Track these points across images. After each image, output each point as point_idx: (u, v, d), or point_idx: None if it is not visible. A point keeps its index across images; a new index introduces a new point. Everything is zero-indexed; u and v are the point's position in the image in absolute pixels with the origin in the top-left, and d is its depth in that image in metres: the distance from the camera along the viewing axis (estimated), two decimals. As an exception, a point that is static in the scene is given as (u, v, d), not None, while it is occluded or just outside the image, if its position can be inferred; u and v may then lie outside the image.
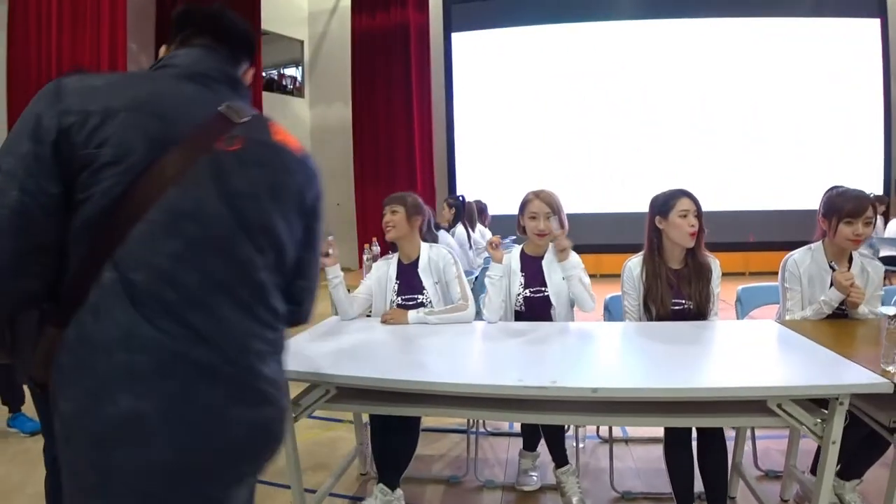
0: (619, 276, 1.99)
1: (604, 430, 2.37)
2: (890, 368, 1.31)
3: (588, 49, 7.43)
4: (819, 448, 1.78)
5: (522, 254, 2.01)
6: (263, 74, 8.31)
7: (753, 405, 1.36)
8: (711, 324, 1.86)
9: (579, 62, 7.45)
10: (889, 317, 1.35)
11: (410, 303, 1.95)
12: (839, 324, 1.84)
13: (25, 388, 2.61)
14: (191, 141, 0.76)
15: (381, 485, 1.74)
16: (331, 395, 1.54)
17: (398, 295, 1.98)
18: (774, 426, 1.44)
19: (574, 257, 1.92)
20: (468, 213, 4.42)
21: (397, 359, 1.61)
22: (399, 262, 2.03)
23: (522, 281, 1.96)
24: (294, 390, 1.59)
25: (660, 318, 1.88)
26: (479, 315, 1.98)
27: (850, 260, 1.92)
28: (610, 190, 7.33)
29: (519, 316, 1.97)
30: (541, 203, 1.92)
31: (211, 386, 0.74)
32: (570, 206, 2.01)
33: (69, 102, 0.72)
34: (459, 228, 4.08)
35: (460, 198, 4.24)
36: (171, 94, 0.80)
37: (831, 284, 1.83)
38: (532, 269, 1.97)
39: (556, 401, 1.38)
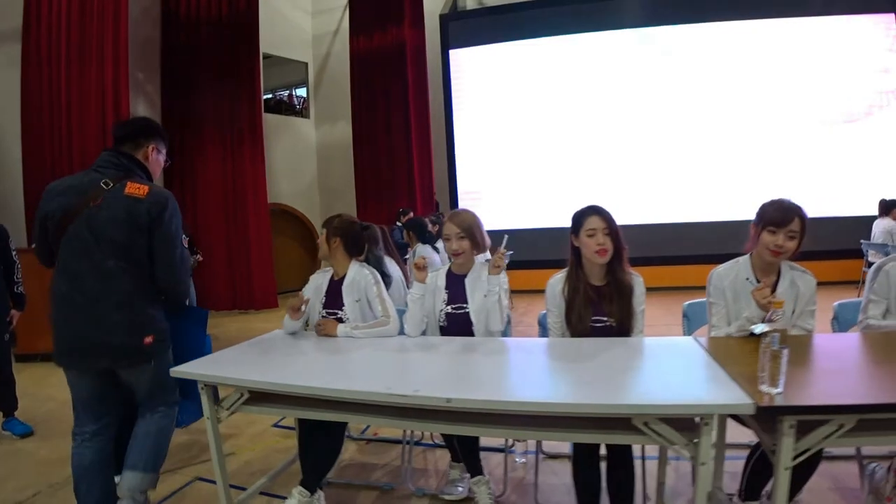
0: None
1: (548, 446, 2.46)
2: (764, 388, 1.30)
3: (585, 60, 7.63)
4: (743, 471, 1.83)
5: (449, 272, 2.17)
6: (271, 96, 8.85)
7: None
8: (626, 340, 1.88)
9: (576, 73, 7.64)
10: (762, 335, 1.34)
11: (331, 316, 2.16)
12: (757, 342, 1.76)
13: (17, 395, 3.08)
14: (82, 203, 1.77)
15: (300, 486, 1.92)
16: (245, 398, 1.75)
17: (324, 307, 2.19)
18: (648, 444, 1.43)
19: (503, 277, 2.04)
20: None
21: (307, 367, 1.83)
22: (332, 277, 2.25)
23: (446, 298, 2.11)
24: (222, 395, 1.83)
25: (580, 335, 1.93)
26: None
27: (780, 274, 1.91)
28: (612, 201, 7.38)
29: (443, 331, 2.12)
30: (451, 225, 2.09)
31: (84, 312, 1.75)
32: (567, 220, 2.01)
33: (45, 197, 1.83)
34: (440, 243, 4.30)
35: (441, 216, 4.48)
36: (80, 182, 1.81)
37: None
38: (455, 288, 2.12)
39: (457, 412, 1.44)
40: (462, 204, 7.63)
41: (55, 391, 3.90)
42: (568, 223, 2.00)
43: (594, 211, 1.93)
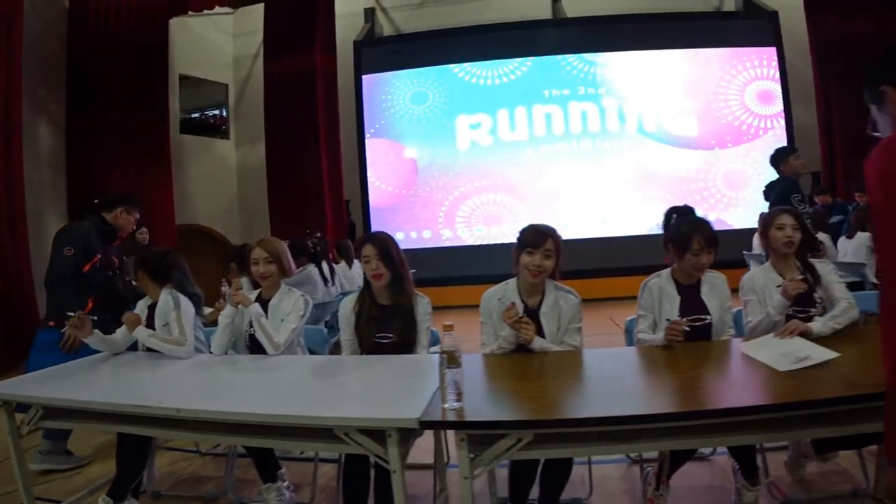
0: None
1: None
2: (444, 404, 1.46)
3: (500, 86, 8.19)
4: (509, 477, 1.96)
5: (259, 296, 2.42)
6: (198, 115, 8.97)
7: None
8: (394, 358, 2.10)
9: (492, 98, 8.16)
10: (440, 354, 1.48)
11: None
12: (518, 359, 2.01)
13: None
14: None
15: (105, 496, 2.10)
16: (41, 414, 1.97)
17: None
18: (352, 452, 1.63)
19: (253, 308, 2.26)
20: (344, 251, 5.12)
21: (98, 383, 2.07)
22: (150, 303, 2.50)
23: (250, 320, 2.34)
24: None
25: (367, 350, 2.18)
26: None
27: (544, 294, 2.09)
28: (524, 222, 7.86)
29: (250, 350, 2.36)
30: (260, 250, 2.36)
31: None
32: (489, 237, 2.22)
33: None
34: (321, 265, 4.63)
35: (322, 239, 4.90)
36: None
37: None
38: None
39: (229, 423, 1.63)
40: (374, 225, 7.98)
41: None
42: (477, 241, 2.27)
43: (368, 239, 2.19)
